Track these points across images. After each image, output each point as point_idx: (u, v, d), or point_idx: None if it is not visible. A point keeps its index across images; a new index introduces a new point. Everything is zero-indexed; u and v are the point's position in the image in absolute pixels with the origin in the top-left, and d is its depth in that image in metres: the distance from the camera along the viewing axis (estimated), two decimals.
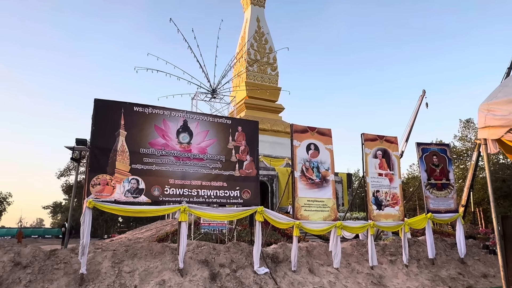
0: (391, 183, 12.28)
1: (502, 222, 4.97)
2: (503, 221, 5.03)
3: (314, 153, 11.28)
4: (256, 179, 10.15)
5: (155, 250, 9.11)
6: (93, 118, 8.55)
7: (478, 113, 4.32)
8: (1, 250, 7.98)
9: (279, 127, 37.35)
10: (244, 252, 9.95)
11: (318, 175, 11.11)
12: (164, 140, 9.18)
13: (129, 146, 8.74)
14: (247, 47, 38.60)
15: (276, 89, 39.26)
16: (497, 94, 4.29)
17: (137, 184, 8.65)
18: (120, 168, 8.54)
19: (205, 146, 9.64)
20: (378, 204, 11.92)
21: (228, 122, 10.25)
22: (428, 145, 13.47)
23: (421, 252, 12.49)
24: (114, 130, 8.71)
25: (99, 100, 8.72)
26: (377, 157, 12.31)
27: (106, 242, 12.15)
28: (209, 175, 9.53)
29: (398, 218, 12.10)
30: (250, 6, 42.83)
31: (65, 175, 62.60)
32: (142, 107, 9.15)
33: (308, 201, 10.80)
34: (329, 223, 10.78)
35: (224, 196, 9.63)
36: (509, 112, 3.97)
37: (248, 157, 10.16)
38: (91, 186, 8.20)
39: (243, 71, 37.17)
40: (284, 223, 10.59)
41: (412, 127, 39.31)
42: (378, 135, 12.62)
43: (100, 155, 8.43)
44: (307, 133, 11.41)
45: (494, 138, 4.11)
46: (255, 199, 10.03)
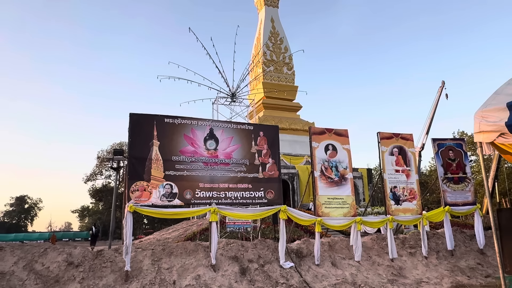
0: (408, 179, 12.78)
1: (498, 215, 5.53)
2: (498, 213, 5.58)
3: (332, 153, 11.92)
4: (278, 180, 10.89)
5: (189, 248, 9.98)
6: (129, 130, 9.47)
7: (474, 119, 4.92)
8: (55, 252, 9.01)
9: (297, 126, 37.94)
10: (270, 248, 10.71)
11: (337, 174, 11.75)
12: (193, 148, 10.04)
13: (162, 154, 9.63)
14: (262, 48, 39.28)
15: (293, 89, 39.81)
16: (491, 102, 4.88)
17: (171, 189, 9.54)
18: (155, 175, 9.44)
19: (230, 151, 10.45)
20: (396, 199, 12.45)
21: (250, 128, 11.03)
22: (444, 140, 13.86)
23: (440, 244, 12.95)
24: (148, 141, 9.61)
25: (134, 114, 9.64)
26: (393, 154, 12.82)
27: (135, 243, 13.13)
28: (235, 178, 10.34)
29: (416, 212, 12.60)
30: (264, 7, 43.49)
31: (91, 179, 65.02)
32: (172, 118, 10.03)
33: (328, 198, 11.46)
34: (349, 218, 11.41)
35: (249, 197, 10.42)
36: (500, 119, 4.56)
37: (270, 159, 10.91)
38: (131, 192, 9.13)
39: (260, 73, 37.88)
40: (306, 220, 11.30)
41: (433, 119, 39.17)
42: (394, 133, 13.13)
43: (137, 163, 9.35)
44: (324, 135, 12.06)
45: (487, 142, 4.71)
46: (278, 198, 10.78)
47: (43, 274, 8.43)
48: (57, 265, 8.68)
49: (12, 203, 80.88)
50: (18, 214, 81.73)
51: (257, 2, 45.40)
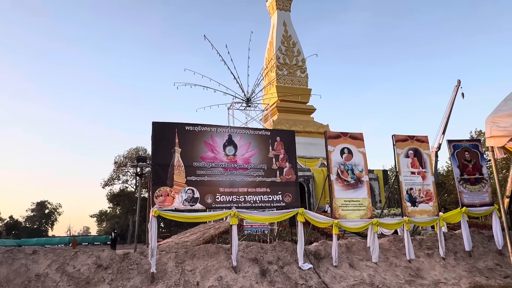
0: (424, 181, 12.90)
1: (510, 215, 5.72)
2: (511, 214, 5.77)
3: (348, 156, 12.15)
4: (295, 184, 11.20)
5: (210, 251, 10.36)
6: (152, 138, 9.93)
7: (485, 125, 5.14)
8: (85, 255, 9.51)
9: (311, 128, 38.15)
10: (289, 250, 11.01)
11: (353, 176, 11.98)
12: (213, 154, 10.44)
13: (184, 161, 10.05)
14: (275, 52, 39.65)
15: (307, 92, 40.01)
16: (501, 108, 5.10)
17: (193, 193, 9.94)
18: (177, 180, 9.87)
19: (249, 156, 10.81)
20: (412, 201, 12.59)
21: (267, 133, 11.37)
22: (459, 141, 13.93)
23: (458, 245, 13.00)
24: (170, 148, 10.05)
25: (156, 122, 10.10)
26: (408, 157, 12.97)
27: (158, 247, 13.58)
28: (253, 182, 10.69)
29: (433, 213, 12.71)
30: (276, 11, 43.92)
31: (109, 184, 66.38)
32: (193, 126, 10.45)
33: (345, 201, 11.70)
34: (365, 221, 11.62)
35: (268, 201, 10.75)
36: (510, 124, 4.77)
37: (287, 164, 11.22)
38: (155, 198, 9.57)
39: (273, 77, 38.23)
40: (323, 223, 11.56)
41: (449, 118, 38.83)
42: (409, 135, 13.27)
43: (160, 170, 9.79)
44: (340, 138, 12.31)
45: (499, 146, 4.93)
46: (296, 201, 11.08)
47: (75, 276, 8.92)
48: (87, 268, 9.17)
49: (33, 209, 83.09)
50: (39, 219, 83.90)
51: (269, 6, 45.85)
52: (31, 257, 9.23)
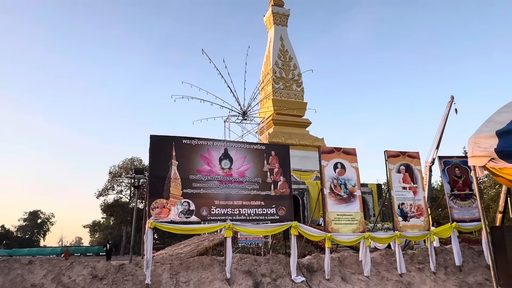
0: (415, 196, 13.18)
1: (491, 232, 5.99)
2: (492, 230, 6.04)
3: (341, 171, 12.43)
4: (289, 197, 11.43)
5: (205, 263, 10.50)
6: (150, 151, 10.16)
7: (468, 145, 5.45)
8: (81, 266, 9.61)
9: (307, 141, 38.53)
10: (282, 263, 11.17)
11: (346, 191, 12.23)
12: (209, 167, 10.67)
13: (180, 173, 10.27)
14: (272, 66, 40.25)
15: (302, 105, 40.53)
16: (483, 129, 5.41)
17: (188, 206, 10.14)
18: (173, 193, 10.07)
19: (244, 170, 11.05)
20: (403, 215, 12.84)
21: (262, 147, 11.64)
22: (450, 157, 14.26)
23: (449, 260, 13.22)
24: (167, 161, 10.27)
25: (154, 136, 10.34)
26: (400, 172, 13.27)
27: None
28: (248, 196, 10.91)
29: (424, 228, 12.95)
30: (273, 26, 44.72)
31: (103, 194, 66.05)
32: (189, 139, 10.70)
33: (337, 215, 11.92)
34: (358, 234, 11.83)
35: (262, 214, 10.96)
36: (490, 145, 5.08)
37: (282, 177, 11.47)
38: (151, 209, 9.75)
39: (270, 90, 38.73)
40: (316, 236, 11.75)
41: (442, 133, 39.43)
42: (401, 151, 13.60)
43: (157, 182, 10.00)
44: (333, 153, 12.60)
45: (480, 165, 5.23)
46: (289, 215, 11.29)
47: (70, 287, 9.02)
48: (82, 278, 9.27)
49: (25, 218, 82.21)
50: (31, 228, 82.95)
51: (267, 21, 46.69)
52: (27, 267, 9.33)
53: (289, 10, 46.24)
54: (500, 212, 31.43)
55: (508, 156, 4.87)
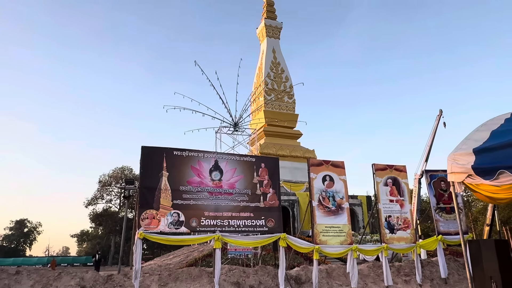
0: (402, 208, 13.43)
1: (469, 245, 6.22)
2: (469, 244, 6.27)
3: (330, 183, 12.64)
4: (278, 209, 11.58)
5: (193, 274, 10.55)
6: (141, 162, 10.27)
7: (447, 161, 5.70)
8: (69, 276, 9.60)
9: (297, 153, 38.77)
10: (270, 274, 11.26)
11: (334, 203, 12.43)
12: (199, 178, 10.80)
13: (171, 184, 10.38)
14: (264, 77, 40.69)
15: (294, 117, 40.91)
16: (461, 146, 5.67)
17: (178, 217, 10.22)
18: (164, 203, 10.16)
19: (234, 182, 11.19)
20: (390, 228, 13.06)
21: (252, 160, 11.82)
22: (436, 171, 14.59)
23: (434, 272, 13.44)
24: (158, 172, 10.38)
25: (145, 147, 10.47)
26: (387, 185, 13.53)
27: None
28: (238, 207, 11.04)
29: (410, 240, 13.18)
30: (266, 38, 45.28)
31: (92, 203, 65.26)
32: (180, 151, 10.84)
33: (326, 227, 12.09)
34: (345, 246, 12.00)
35: (251, 225, 11.08)
36: (468, 162, 5.33)
37: (271, 189, 11.63)
38: (141, 220, 9.81)
39: (261, 101, 39.08)
40: (305, 248, 11.89)
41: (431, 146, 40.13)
42: (388, 164, 13.88)
43: (148, 193, 10.09)
44: (322, 166, 12.83)
45: (458, 181, 5.47)
46: (278, 226, 11.43)
47: None
48: None
49: (12, 227, 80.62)
50: (17, 238, 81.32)
51: (259, 34, 47.29)
52: (14, 277, 9.29)
53: (281, 23, 46.96)
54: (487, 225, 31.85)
55: (484, 172, 5.12)
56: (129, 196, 12.92)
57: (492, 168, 4.99)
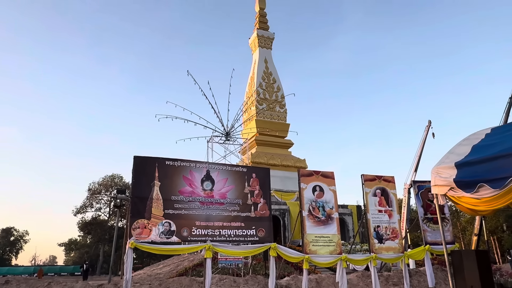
0: (391, 219, 13.65)
1: (452, 256, 6.44)
2: (452, 254, 6.49)
3: (319, 194, 12.83)
4: (269, 219, 11.70)
5: (184, 284, 10.60)
6: (133, 172, 10.33)
7: (431, 174, 5.94)
8: (58, 286, 9.57)
9: (289, 162, 39.04)
10: (261, 284, 11.36)
11: (324, 213, 12.60)
12: (191, 188, 10.89)
13: (163, 194, 10.45)
14: (256, 87, 41.04)
15: (285, 127, 41.24)
16: (444, 160, 5.92)
17: (170, 226, 10.28)
18: (155, 213, 10.21)
19: (225, 191, 11.31)
20: (379, 238, 13.26)
21: (244, 170, 11.96)
22: (423, 182, 14.87)
23: (422, 282, 13.67)
24: (150, 181, 10.45)
25: (138, 157, 10.55)
26: (376, 195, 13.76)
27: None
28: (229, 217, 11.13)
29: (398, 250, 13.39)
30: (258, 48, 45.81)
31: (81, 212, 64.36)
32: (172, 161, 10.94)
33: (315, 237, 12.24)
34: (334, 256, 12.15)
35: (242, 235, 11.17)
36: (450, 175, 5.57)
37: (262, 199, 11.77)
38: (132, 230, 9.84)
39: (253, 111, 39.35)
40: (294, 257, 12.01)
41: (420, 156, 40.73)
42: (377, 175, 14.14)
43: (139, 203, 10.14)
44: (312, 176, 13.02)
45: (441, 194, 5.70)
46: (269, 236, 11.54)
47: None
48: None
49: None
50: (3, 246, 79.71)
51: (252, 44, 47.80)
52: (3, 287, 9.24)
53: (273, 33, 47.59)
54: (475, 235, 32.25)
55: (465, 186, 5.35)
56: (120, 205, 12.90)
57: (473, 181, 5.23)
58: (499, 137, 5.58)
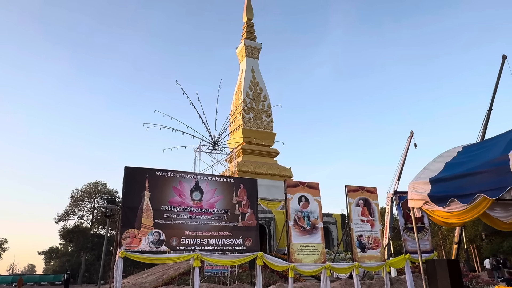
0: (373, 228, 14.18)
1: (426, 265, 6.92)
2: (426, 263, 6.98)
3: (305, 204, 13.26)
4: (256, 229, 12.06)
5: None
6: (123, 182, 10.56)
7: (408, 189, 6.42)
8: None
9: (275, 171, 39.45)
10: None
11: (309, 223, 13.03)
12: (180, 198, 11.17)
13: (153, 204, 10.70)
14: (243, 96, 41.53)
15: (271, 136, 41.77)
16: (420, 175, 6.41)
17: (159, 236, 10.53)
18: (145, 223, 10.45)
19: (214, 202, 11.63)
20: (362, 247, 13.75)
21: (232, 180, 12.32)
22: (404, 193, 15.42)
23: None
24: (140, 192, 10.70)
25: (128, 167, 10.79)
26: (359, 206, 14.28)
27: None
28: (217, 227, 11.45)
29: (380, 259, 13.90)
30: (246, 58, 46.38)
31: (63, 219, 63.21)
32: (163, 171, 11.22)
33: (300, 246, 12.64)
34: (319, 265, 12.56)
35: (229, 244, 11.49)
36: (425, 190, 6.06)
37: (249, 209, 12.13)
38: (123, 239, 10.05)
39: (240, 120, 39.76)
40: (280, 266, 12.37)
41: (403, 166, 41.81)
42: (360, 186, 14.67)
43: (130, 213, 10.37)
44: (298, 187, 13.46)
45: (417, 207, 6.19)
46: (255, 245, 11.89)
47: None
48: None
49: None
50: None
51: (239, 53, 48.37)
52: None
53: (260, 43, 48.26)
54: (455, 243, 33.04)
55: (438, 200, 5.83)
56: (110, 215, 13.06)
57: (445, 196, 5.72)
58: (469, 156, 6.10)
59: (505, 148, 5.06)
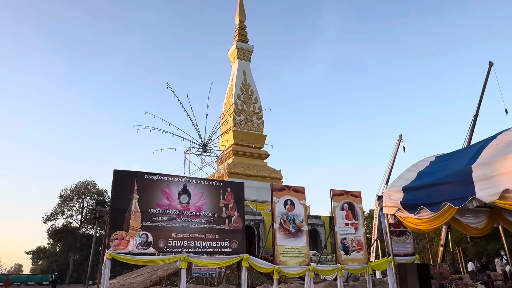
0: (356, 231, 14.58)
1: (398, 268, 7.31)
2: (398, 267, 7.37)
3: (291, 207, 13.61)
4: (242, 231, 12.36)
5: None
6: (112, 185, 10.79)
7: (383, 196, 6.79)
8: None
9: (264, 173, 39.82)
10: None
11: (294, 226, 13.38)
12: (168, 201, 11.43)
13: (141, 207, 10.95)
14: (234, 98, 41.84)
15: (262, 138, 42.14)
16: (394, 184, 6.79)
17: (147, 238, 10.77)
18: (133, 225, 10.68)
19: (201, 205, 11.91)
20: (345, 249, 14.14)
21: (219, 184, 12.61)
22: None
23: None
24: (129, 194, 10.93)
25: (117, 170, 11.02)
26: (344, 209, 14.68)
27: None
28: (204, 229, 11.73)
29: (363, 261, 14.30)
30: (237, 60, 46.70)
31: (52, 219, 62.78)
32: (151, 175, 11.46)
33: (286, 248, 12.98)
34: (303, 267, 12.91)
35: (216, 246, 11.78)
36: (398, 198, 6.44)
37: (236, 212, 12.43)
38: (111, 241, 10.28)
39: (231, 121, 40.05)
40: (265, 268, 12.69)
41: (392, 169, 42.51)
42: (344, 190, 15.08)
43: (118, 215, 10.59)
44: (284, 191, 13.80)
45: (391, 213, 6.56)
46: (241, 248, 12.20)
47: None
48: None
49: None
50: None
51: (231, 55, 48.68)
52: None
53: (252, 46, 48.64)
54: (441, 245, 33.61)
55: (409, 207, 6.21)
56: (99, 217, 13.24)
57: (415, 204, 6.10)
58: (440, 165, 6.50)
59: (469, 160, 5.44)
